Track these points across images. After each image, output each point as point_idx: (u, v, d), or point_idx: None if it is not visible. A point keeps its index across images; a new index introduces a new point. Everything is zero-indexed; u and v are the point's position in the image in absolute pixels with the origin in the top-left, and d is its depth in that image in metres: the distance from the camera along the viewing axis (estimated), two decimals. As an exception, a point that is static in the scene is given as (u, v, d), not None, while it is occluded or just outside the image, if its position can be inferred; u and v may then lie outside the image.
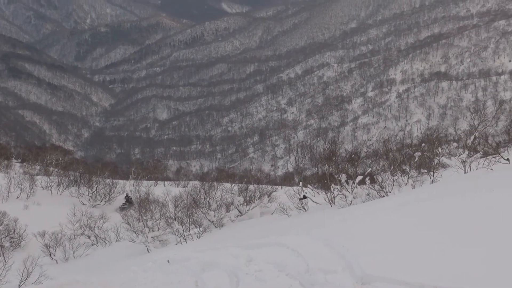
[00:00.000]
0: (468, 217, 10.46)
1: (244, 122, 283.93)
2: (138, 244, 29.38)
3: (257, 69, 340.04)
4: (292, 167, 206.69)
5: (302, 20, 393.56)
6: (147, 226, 30.24)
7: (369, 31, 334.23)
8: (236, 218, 33.93)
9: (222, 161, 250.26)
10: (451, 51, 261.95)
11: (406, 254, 9.82)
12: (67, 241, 31.61)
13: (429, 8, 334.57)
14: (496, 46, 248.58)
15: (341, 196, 25.44)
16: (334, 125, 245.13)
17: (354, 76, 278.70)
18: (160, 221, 31.48)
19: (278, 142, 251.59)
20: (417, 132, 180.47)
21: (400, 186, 24.74)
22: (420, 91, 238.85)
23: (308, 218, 22.93)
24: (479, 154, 24.66)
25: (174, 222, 30.49)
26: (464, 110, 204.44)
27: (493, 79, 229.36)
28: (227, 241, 19.43)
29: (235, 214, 34.38)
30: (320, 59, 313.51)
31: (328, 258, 11.28)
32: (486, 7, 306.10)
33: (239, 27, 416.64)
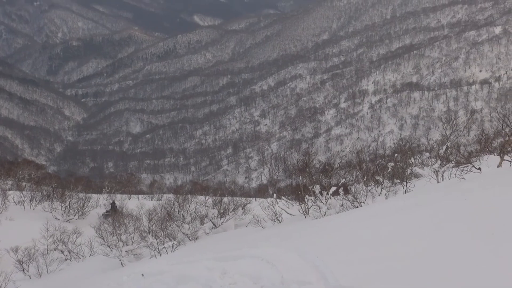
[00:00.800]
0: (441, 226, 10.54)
1: (217, 135, 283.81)
2: (112, 258, 29.17)
3: (230, 82, 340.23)
4: (266, 179, 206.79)
5: (274, 32, 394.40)
6: (121, 240, 30.07)
7: (341, 42, 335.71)
8: (211, 231, 33.87)
9: (196, 173, 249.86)
10: (423, 62, 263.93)
11: (380, 264, 9.86)
12: (41, 256, 31.30)
13: (400, 19, 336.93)
14: (467, 56, 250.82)
15: (315, 207, 25.49)
16: (307, 137, 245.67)
17: (326, 88, 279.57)
18: (134, 234, 31.31)
19: (252, 154, 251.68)
20: (390, 143, 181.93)
21: (373, 197, 24.84)
22: (393, 101, 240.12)
23: (283, 229, 22.97)
24: (451, 163, 24.85)
25: (148, 235, 30.36)
26: (436, 120, 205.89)
27: (464, 89, 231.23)
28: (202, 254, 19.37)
29: (209, 227, 34.32)
30: (293, 71, 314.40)
31: (302, 269, 11.30)
32: (457, 18, 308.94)
33: (212, 40, 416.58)
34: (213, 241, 29.00)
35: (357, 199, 24.11)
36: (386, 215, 14.72)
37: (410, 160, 28.53)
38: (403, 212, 14.13)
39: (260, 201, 41.24)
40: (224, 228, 34.48)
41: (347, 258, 10.92)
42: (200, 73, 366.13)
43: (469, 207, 11.45)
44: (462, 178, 18.30)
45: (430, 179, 23.42)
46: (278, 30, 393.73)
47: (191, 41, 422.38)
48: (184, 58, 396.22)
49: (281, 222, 27.42)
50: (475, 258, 8.23)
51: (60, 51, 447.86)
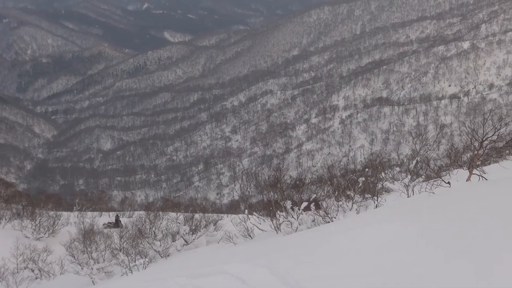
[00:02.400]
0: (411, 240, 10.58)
1: (188, 151, 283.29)
2: (83, 276, 28.97)
3: (201, 98, 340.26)
4: (238, 195, 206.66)
5: (244, 48, 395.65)
6: (92, 258, 29.88)
7: (311, 58, 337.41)
8: (182, 248, 33.70)
9: (167, 190, 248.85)
10: (392, 77, 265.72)
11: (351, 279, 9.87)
12: (10, 275, 31.00)
13: (370, 34, 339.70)
14: (436, 71, 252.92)
15: (287, 222, 25.47)
16: (278, 152, 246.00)
17: (297, 103, 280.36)
18: (105, 252, 31.12)
19: (223, 170, 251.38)
20: (361, 158, 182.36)
21: (344, 212, 24.87)
22: (363, 116, 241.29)
23: (254, 245, 22.93)
24: (422, 178, 24.97)
25: (120, 253, 30.18)
26: (406, 135, 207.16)
27: (433, 103, 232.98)
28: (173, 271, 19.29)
29: (181, 244, 34.15)
30: (263, 87, 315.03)
31: (273, 286, 11.28)
32: (425, 33, 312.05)
33: (182, 56, 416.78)
34: (185, 258, 28.88)
35: (329, 214, 24.14)
36: (357, 230, 14.76)
37: (380, 174, 28.62)
38: (374, 226, 14.16)
39: (232, 217, 41.16)
40: (195, 244, 34.33)
41: (319, 274, 10.91)
42: (170, 90, 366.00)
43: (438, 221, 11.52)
44: (432, 192, 18.41)
45: (401, 194, 23.54)
46: (248, 46, 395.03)
47: (161, 57, 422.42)
48: (154, 75, 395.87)
49: (253, 238, 27.38)
50: (443, 273, 8.26)
51: (30, 68, 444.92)
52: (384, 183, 27.48)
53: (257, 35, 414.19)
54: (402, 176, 28.41)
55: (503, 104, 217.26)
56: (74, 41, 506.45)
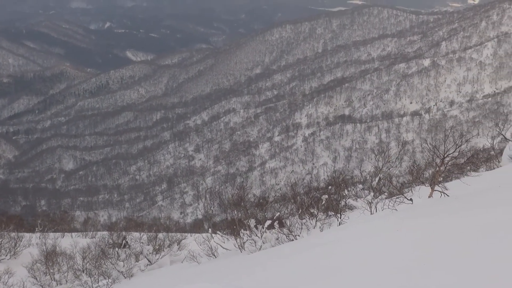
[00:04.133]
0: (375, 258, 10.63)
1: (152, 170, 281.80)
2: (46, 298, 28.71)
3: (164, 117, 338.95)
4: (201, 214, 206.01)
5: (207, 66, 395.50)
6: (54, 280, 29.61)
7: (274, 76, 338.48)
8: (146, 268, 33.54)
9: (130, 210, 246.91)
10: (354, 94, 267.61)
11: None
12: (-30, 298, 30.70)
13: (331, 53, 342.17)
14: (397, 88, 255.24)
15: (251, 241, 25.49)
16: (242, 171, 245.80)
17: (260, 121, 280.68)
18: (67, 273, 30.86)
19: (187, 189, 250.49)
20: (324, 175, 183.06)
21: (308, 229, 24.92)
22: (326, 134, 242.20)
23: (218, 264, 22.90)
24: (384, 195, 25.11)
25: (82, 274, 29.95)
26: (368, 152, 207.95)
27: (395, 120, 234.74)
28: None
29: (144, 264, 33.98)
30: (226, 105, 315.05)
31: (238, 305, 11.25)
32: (386, 51, 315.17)
33: (144, 75, 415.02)
34: (148, 278, 28.76)
35: (292, 232, 24.18)
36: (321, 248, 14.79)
37: (343, 192, 28.77)
38: (338, 244, 14.22)
39: (196, 236, 41.06)
40: (159, 264, 34.18)
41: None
42: (133, 109, 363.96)
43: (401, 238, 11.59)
44: (395, 209, 18.53)
45: (364, 211, 23.63)
46: (211, 64, 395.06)
47: (124, 76, 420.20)
48: (117, 94, 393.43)
49: (217, 257, 27.34)
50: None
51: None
52: (347, 201, 27.62)
53: (219, 53, 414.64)
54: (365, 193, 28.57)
55: (463, 120, 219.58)
56: (36, 60, 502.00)
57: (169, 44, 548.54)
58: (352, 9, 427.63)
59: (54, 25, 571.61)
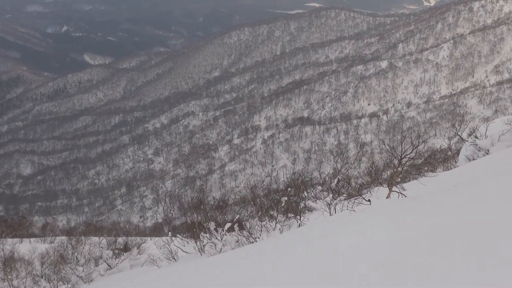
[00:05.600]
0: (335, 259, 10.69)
1: (111, 174, 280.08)
2: (4, 304, 28.45)
3: (122, 120, 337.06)
4: (161, 217, 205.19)
5: (165, 70, 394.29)
6: (13, 286, 29.33)
7: (232, 79, 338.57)
8: (106, 272, 33.35)
9: (89, 214, 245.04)
10: (313, 97, 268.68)
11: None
12: None
13: (290, 55, 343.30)
14: (355, 90, 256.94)
15: (211, 244, 25.47)
16: (201, 174, 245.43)
17: (219, 124, 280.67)
18: (26, 279, 30.58)
19: (146, 192, 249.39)
20: (283, 177, 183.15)
21: (268, 231, 24.97)
22: (285, 136, 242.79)
23: (178, 268, 22.85)
24: (343, 196, 25.25)
25: (41, 279, 29.70)
26: (327, 154, 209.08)
27: (354, 122, 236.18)
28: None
29: (104, 268, 33.78)
30: (185, 108, 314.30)
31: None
32: (344, 53, 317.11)
33: (103, 79, 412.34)
34: (108, 283, 28.62)
35: (252, 235, 24.21)
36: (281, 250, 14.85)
37: (303, 194, 28.88)
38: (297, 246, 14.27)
39: (155, 240, 40.95)
40: (119, 268, 34.01)
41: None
42: (91, 113, 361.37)
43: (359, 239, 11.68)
44: (353, 210, 18.67)
45: (323, 212, 23.74)
46: (169, 68, 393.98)
47: (81, 80, 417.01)
48: (75, 98, 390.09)
49: (177, 260, 27.28)
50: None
51: None
52: (307, 202, 27.71)
53: (178, 56, 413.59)
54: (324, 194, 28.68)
55: (421, 121, 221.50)
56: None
57: (127, 48, 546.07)
58: (309, 11, 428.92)
59: (10, 29, 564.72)
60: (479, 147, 31.72)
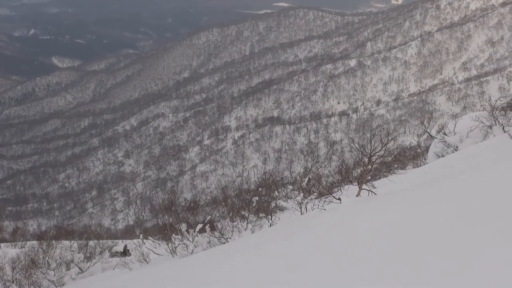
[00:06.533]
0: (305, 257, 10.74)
1: (81, 177, 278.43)
2: (-26, 311, 28.21)
3: (92, 123, 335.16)
4: (133, 220, 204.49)
5: (135, 72, 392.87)
6: (-17, 292, 29.11)
7: (202, 80, 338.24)
8: (77, 276, 33.14)
9: (60, 218, 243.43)
10: (283, 96, 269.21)
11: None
12: None
13: (259, 55, 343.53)
14: (325, 89, 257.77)
15: (182, 245, 25.42)
16: (172, 175, 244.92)
17: (189, 125, 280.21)
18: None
19: (117, 195, 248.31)
20: (254, 177, 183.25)
21: (240, 232, 24.97)
22: (255, 136, 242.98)
23: (150, 270, 22.78)
24: (314, 195, 25.29)
25: (12, 285, 29.50)
26: (298, 153, 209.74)
27: (324, 121, 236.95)
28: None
29: (75, 272, 33.57)
30: (155, 110, 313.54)
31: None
32: (313, 52, 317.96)
33: (71, 82, 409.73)
34: (80, 286, 28.48)
35: (224, 235, 24.21)
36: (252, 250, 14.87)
37: (274, 193, 28.89)
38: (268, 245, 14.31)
39: (127, 242, 40.82)
40: (91, 272, 33.83)
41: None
42: (61, 116, 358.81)
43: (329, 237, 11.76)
44: (324, 209, 18.73)
45: (294, 211, 23.77)
46: (138, 69, 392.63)
47: (50, 83, 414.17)
48: (44, 101, 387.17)
49: (149, 262, 27.20)
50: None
51: None
52: (278, 202, 27.71)
53: (147, 58, 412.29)
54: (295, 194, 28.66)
55: (390, 119, 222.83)
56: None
57: (96, 50, 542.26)
58: (278, 11, 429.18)
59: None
60: (448, 144, 31.95)
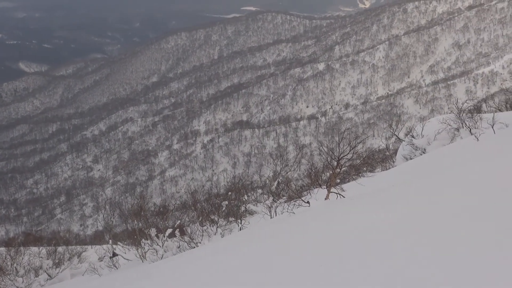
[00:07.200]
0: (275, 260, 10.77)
1: (49, 183, 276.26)
2: None
3: (60, 128, 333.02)
4: (102, 225, 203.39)
5: (103, 76, 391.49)
6: (-50, 300, 28.85)
7: (171, 84, 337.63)
8: (46, 282, 32.93)
9: (28, 224, 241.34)
10: (252, 100, 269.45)
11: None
12: None
13: (227, 59, 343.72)
14: (294, 93, 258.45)
15: (152, 250, 25.36)
16: (141, 180, 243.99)
17: (158, 130, 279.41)
18: (-36, 292, 30.11)
19: (86, 200, 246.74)
20: (224, 181, 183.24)
21: (209, 236, 24.98)
22: (224, 140, 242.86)
23: (119, 276, 22.70)
24: (284, 198, 25.34)
25: (-20, 292, 29.28)
26: (267, 157, 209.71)
27: (293, 125, 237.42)
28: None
29: (44, 278, 33.35)
30: (124, 115, 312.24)
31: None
32: (282, 56, 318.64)
33: (39, 87, 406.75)
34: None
35: (193, 240, 24.19)
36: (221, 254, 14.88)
37: (243, 197, 28.93)
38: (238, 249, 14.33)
39: (96, 248, 40.61)
40: (60, 278, 33.61)
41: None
42: (28, 121, 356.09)
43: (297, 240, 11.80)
44: (293, 212, 18.78)
45: (264, 215, 23.81)
46: (106, 74, 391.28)
47: (17, 88, 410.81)
48: (11, 106, 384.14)
49: (118, 268, 27.09)
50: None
51: None
52: (247, 206, 27.73)
53: (115, 63, 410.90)
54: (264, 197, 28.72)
55: (359, 122, 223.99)
56: None
57: (63, 55, 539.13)
58: (246, 15, 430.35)
59: None
60: (416, 147, 32.22)
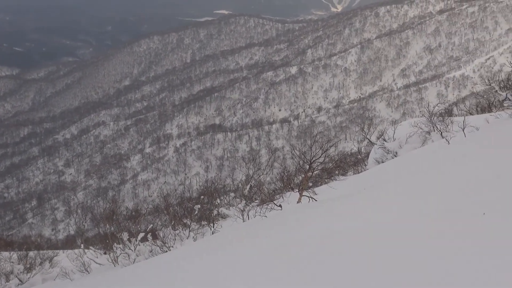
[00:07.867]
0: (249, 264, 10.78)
1: (20, 187, 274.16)
2: None
3: (32, 132, 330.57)
4: (73, 230, 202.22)
5: (75, 80, 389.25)
6: None
7: (143, 88, 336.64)
8: (17, 287, 32.73)
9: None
10: (224, 104, 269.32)
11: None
12: None
13: (200, 62, 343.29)
14: (266, 96, 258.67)
15: (124, 255, 25.26)
16: (114, 184, 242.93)
17: (131, 133, 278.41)
18: None
19: (58, 205, 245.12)
20: (197, 185, 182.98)
21: (182, 240, 24.93)
22: (197, 144, 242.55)
23: (91, 280, 22.62)
24: (256, 202, 25.36)
25: (-50, 298, 29.03)
26: (240, 160, 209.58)
27: (265, 128, 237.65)
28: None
29: (15, 283, 33.13)
30: (96, 118, 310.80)
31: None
32: (254, 59, 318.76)
33: (10, 90, 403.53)
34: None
35: (166, 244, 24.13)
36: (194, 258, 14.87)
37: (216, 201, 28.91)
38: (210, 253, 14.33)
39: (68, 252, 40.39)
40: (31, 283, 33.39)
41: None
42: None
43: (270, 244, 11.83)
44: (265, 216, 18.80)
45: (236, 219, 23.82)
46: (78, 77, 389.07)
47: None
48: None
49: (90, 272, 26.96)
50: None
51: None
52: (220, 209, 27.74)
53: (87, 66, 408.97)
54: (237, 201, 28.74)
55: (331, 126, 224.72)
56: None
57: (35, 58, 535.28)
58: (219, 19, 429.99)
59: None
60: (388, 150, 32.38)
